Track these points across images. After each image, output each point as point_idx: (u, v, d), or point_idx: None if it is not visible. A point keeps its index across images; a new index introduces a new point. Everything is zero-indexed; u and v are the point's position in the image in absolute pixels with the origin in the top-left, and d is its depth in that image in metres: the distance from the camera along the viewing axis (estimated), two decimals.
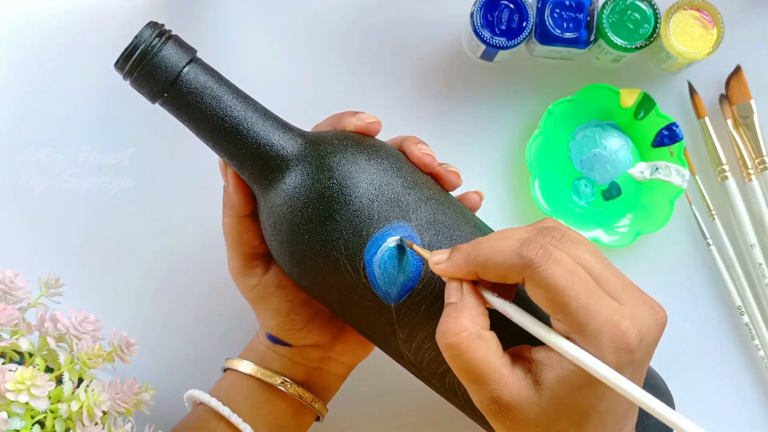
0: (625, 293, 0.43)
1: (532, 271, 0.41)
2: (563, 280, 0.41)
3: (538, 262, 0.41)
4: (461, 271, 0.44)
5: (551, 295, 0.41)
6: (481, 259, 0.43)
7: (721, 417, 0.65)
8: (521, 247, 0.42)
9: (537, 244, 0.41)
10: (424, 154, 0.51)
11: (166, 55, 0.47)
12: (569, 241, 0.43)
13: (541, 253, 0.41)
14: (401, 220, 0.48)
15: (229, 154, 0.50)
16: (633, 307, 0.42)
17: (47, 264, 0.64)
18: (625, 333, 0.41)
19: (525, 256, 0.41)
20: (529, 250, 0.41)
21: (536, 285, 0.41)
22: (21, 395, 0.46)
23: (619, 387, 0.40)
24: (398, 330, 0.49)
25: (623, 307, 0.42)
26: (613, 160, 0.65)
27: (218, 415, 0.55)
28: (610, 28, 0.61)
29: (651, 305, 0.43)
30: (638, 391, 0.40)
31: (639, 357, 0.42)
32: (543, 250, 0.41)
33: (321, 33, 0.66)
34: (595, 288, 0.41)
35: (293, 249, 0.49)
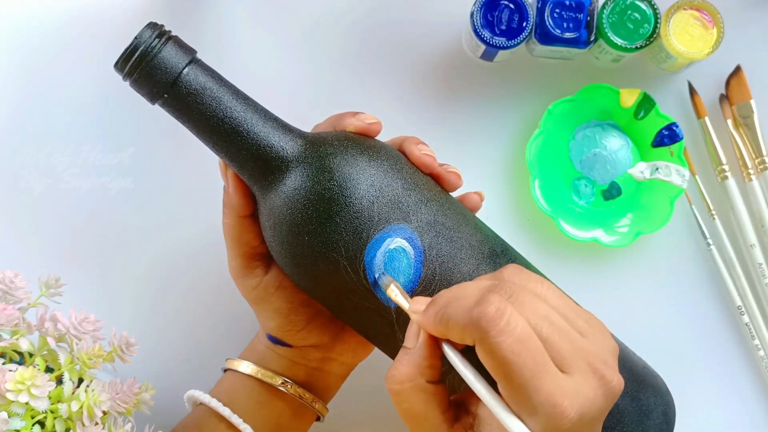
0: (575, 360, 0.41)
1: (481, 335, 0.39)
2: (510, 353, 0.39)
3: (487, 328, 0.39)
4: (431, 327, 0.43)
5: (495, 364, 0.39)
6: (444, 318, 0.42)
7: (721, 417, 0.65)
8: (474, 308, 0.40)
9: (488, 304, 0.40)
10: (425, 155, 0.51)
11: (165, 56, 0.47)
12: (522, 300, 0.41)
13: (492, 316, 0.39)
14: (401, 221, 0.48)
15: (229, 155, 0.50)
16: (579, 380, 0.40)
17: (47, 264, 0.64)
18: (563, 413, 0.39)
19: (475, 318, 0.40)
20: (479, 312, 0.40)
21: (484, 351, 0.40)
22: (21, 395, 0.46)
23: None
24: (398, 331, 0.49)
25: (567, 382, 0.40)
26: (613, 160, 0.65)
27: (218, 416, 0.55)
28: (610, 28, 0.61)
29: (601, 375, 0.41)
30: None
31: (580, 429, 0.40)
32: (495, 312, 0.39)
33: (321, 33, 0.66)
34: (541, 361, 0.39)
35: (293, 250, 0.49)
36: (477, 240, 0.50)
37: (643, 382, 0.52)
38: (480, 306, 0.40)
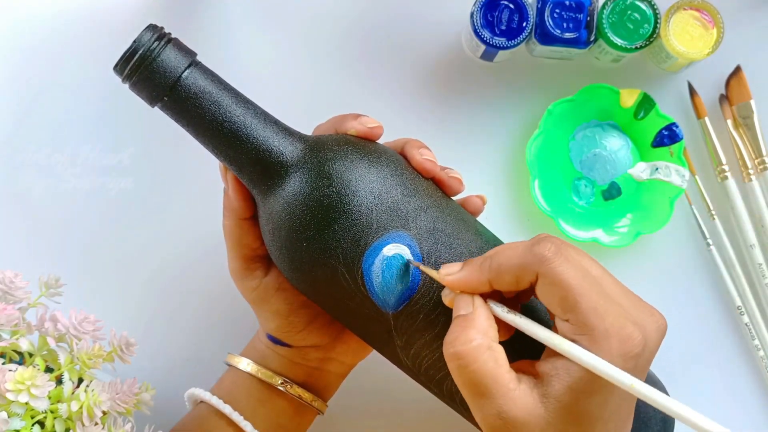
0: (626, 298, 0.43)
1: (546, 267, 0.41)
2: (575, 278, 0.41)
3: (551, 258, 0.42)
4: (474, 281, 0.44)
5: (563, 291, 0.41)
6: (494, 265, 0.43)
7: (721, 417, 0.65)
8: (533, 246, 0.42)
9: (548, 242, 0.42)
10: (426, 160, 0.51)
11: (165, 59, 0.47)
12: (569, 247, 0.43)
13: (554, 249, 0.42)
14: (400, 228, 0.48)
15: (229, 159, 0.49)
16: (635, 311, 0.42)
17: (47, 264, 0.64)
18: (632, 337, 0.41)
19: (537, 252, 0.42)
20: (541, 248, 0.42)
21: (549, 282, 0.42)
22: (21, 395, 0.46)
23: (637, 391, 0.40)
24: (396, 337, 0.49)
25: (627, 311, 0.42)
26: (613, 160, 0.65)
27: (219, 414, 0.55)
28: (610, 28, 0.61)
29: (651, 312, 0.43)
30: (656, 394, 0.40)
31: (641, 362, 0.42)
32: (554, 248, 0.42)
33: (321, 33, 0.66)
34: (601, 290, 0.42)
35: (291, 256, 0.49)
36: (477, 247, 0.49)
37: None
38: (538, 245, 0.42)
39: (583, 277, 0.41)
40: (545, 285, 0.42)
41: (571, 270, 0.41)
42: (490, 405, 0.42)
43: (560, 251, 0.42)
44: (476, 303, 0.44)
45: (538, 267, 0.42)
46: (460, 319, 0.44)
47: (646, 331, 0.42)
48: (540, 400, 0.41)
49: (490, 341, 0.42)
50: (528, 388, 0.42)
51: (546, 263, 0.42)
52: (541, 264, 0.42)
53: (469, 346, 0.42)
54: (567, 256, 0.42)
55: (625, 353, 0.41)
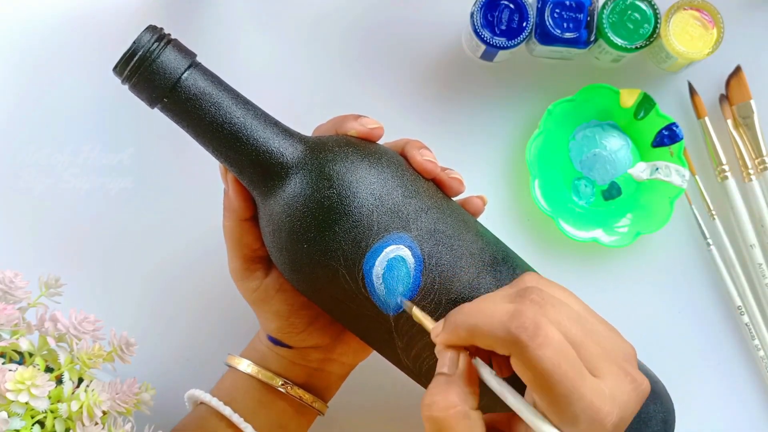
0: (607, 364, 0.41)
1: (520, 349, 0.39)
2: (550, 364, 0.39)
3: (527, 342, 0.39)
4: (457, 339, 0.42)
5: (536, 376, 0.39)
6: (470, 327, 0.42)
7: (721, 417, 0.65)
8: (510, 321, 0.40)
9: (525, 317, 0.40)
10: (426, 161, 0.51)
11: (165, 61, 0.47)
12: (551, 306, 0.41)
13: (531, 331, 0.39)
14: (401, 230, 0.48)
15: (229, 160, 0.49)
16: (613, 383, 0.40)
17: (47, 264, 0.64)
18: (605, 418, 0.39)
19: (513, 333, 0.40)
20: (518, 326, 0.40)
21: (523, 364, 0.40)
22: (21, 395, 0.46)
23: None
24: (397, 338, 0.49)
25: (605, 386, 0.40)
26: (613, 160, 0.65)
27: (219, 415, 0.55)
28: (610, 28, 0.61)
29: (633, 378, 0.41)
30: None
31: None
32: (533, 327, 0.40)
33: (321, 34, 0.66)
34: (579, 369, 0.40)
35: (292, 257, 0.49)
36: (478, 248, 0.49)
37: None
38: (516, 319, 0.40)
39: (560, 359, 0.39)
40: (519, 365, 0.40)
41: (547, 354, 0.39)
42: None
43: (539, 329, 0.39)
44: (461, 364, 0.43)
45: (512, 348, 0.40)
46: (442, 378, 0.42)
47: (622, 404, 0.40)
48: None
49: (468, 409, 0.42)
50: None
51: (521, 346, 0.39)
52: (515, 346, 0.40)
53: (448, 413, 0.41)
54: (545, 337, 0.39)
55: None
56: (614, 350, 0.42)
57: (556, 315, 0.41)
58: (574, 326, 0.41)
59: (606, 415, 0.39)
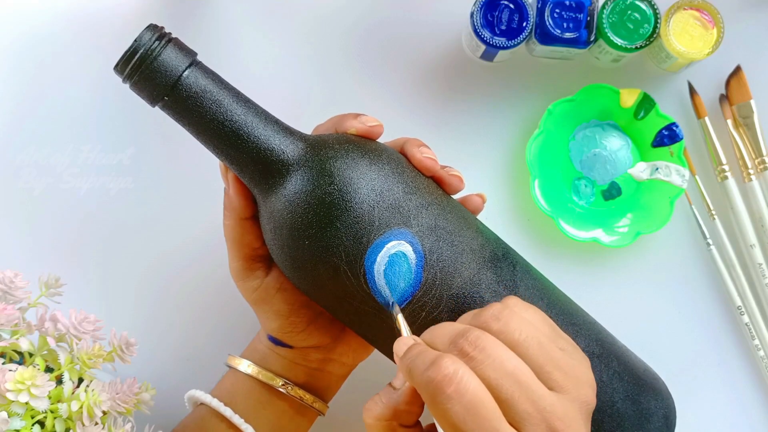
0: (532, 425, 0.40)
1: (430, 400, 0.40)
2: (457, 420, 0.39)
3: (435, 394, 0.40)
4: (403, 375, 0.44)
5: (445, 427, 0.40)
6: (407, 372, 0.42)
7: (721, 417, 0.65)
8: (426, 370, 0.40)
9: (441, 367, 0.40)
10: (426, 158, 0.51)
11: (165, 59, 0.47)
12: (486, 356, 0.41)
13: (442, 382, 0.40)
14: (402, 226, 0.48)
15: (230, 158, 0.49)
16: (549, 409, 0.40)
17: (47, 264, 0.64)
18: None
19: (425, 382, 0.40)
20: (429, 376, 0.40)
21: (434, 414, 0.40)
22: (21, 395, 0.46)
23: None
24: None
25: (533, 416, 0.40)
26: (613, 160, 0.65)
27: (219, 416, 0.55)
28: (610, 28, 0.61)
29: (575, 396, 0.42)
30: None
31: None
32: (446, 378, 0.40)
33: (320, 33, 0.66)
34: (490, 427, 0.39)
35: (293, 254, 0.49)
36: (478, 244, 0.49)
37: (644, 385, 0.51)
38: (431, 369, 0.40)
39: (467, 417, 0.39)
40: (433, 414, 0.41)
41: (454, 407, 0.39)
42: None
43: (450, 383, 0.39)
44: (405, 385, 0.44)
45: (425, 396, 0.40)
46: (387, 390, 0.44)
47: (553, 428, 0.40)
48: None
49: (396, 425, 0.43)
50: None
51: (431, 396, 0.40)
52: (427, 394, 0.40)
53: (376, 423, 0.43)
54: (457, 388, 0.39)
55: None
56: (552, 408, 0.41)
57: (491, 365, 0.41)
58: (507, 380, 0.40)
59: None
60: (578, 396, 0.42)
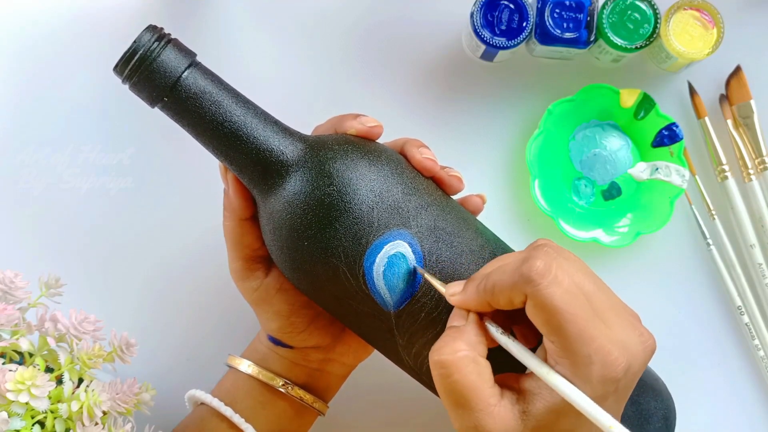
0: (615, 316, 0.42)
1: (532, 288, 0.41)
2: (562, 302, 0.40)
3: (538, 280, 0.41)
4: (474, 301, 0.44)
5: (548, 315, 0.41)
6: (489, 286, 0.43)
7: (721, 417, 0.65)
8: (522, 265, 0.41)
9: (536, 259, 0.41)
10: (426, 159, 0.51)
11: (165, 60, 0.47)
12: (563, 258, 0.42)
13: (541, 269, 0.41)
14: (401, 227, 0.48)
15: (229, 159, 0.49)
16: (623, 333, 0.42)
17: (47, 264, 0.64)
18: (615, 362, 0.41)
19: (525, 273, 0.41)
20: (529, 267, 0.41)
21: (535, 304, 0.41)
22: (21, 395, 0.46)
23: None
24: (398, 336, 0.49)
25: (615, 333, 0.41)
26: (613, 160, 0.65)
27: (220, 416, 0.55)
28: (610, 28, 0.61)
29: (640, 332, 0.43)
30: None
31: (623, 385, 0.42)
32: (543, 266, 0.41)
33: (320, 34, 0.66)
34: (590, 311, 0.41)
35: (292, 255, 0.49)
36: (477, 245, 0.49)
37: (644, 385, 0.51)
38: (527, 262, 0.41)
39: (571, 298, 0.41)
40: (532, 307, 0.41)
41: (558, 292, 0.41)
42: (468, 417, 0.42)
43: (549, 269, 0.41)
44: (470, 317, 0.44)
45: (525, 288, 0.41)
46: (452, 329, 0.44)
47: (632, 353, 0.41)
48: (520, 416, 0.42)
49: (476, 354, 0.43)
50: (509, 403, 0.42)
51: (532, 285, 0.41)
52: (526, 285, 0.41)
53: (454, 356, 0.42)
54: (556, 276, 0.41)
55: (605, 378, 0.40)
56: (623, 307, 0.43)
57: (569, 266, 0.42)
58: (585, 278, 0.42)
59: (616, 358, 0.40)
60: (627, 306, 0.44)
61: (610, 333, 0.41)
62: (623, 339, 0.41)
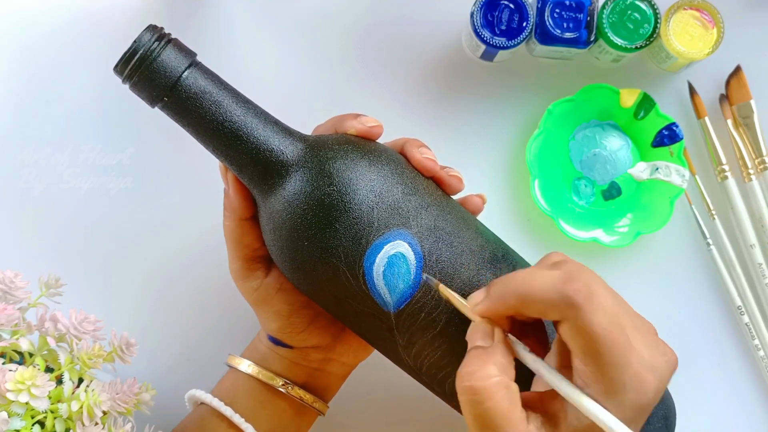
0: (642, 336, 0.42)
1: (575, 312, 0.40)
2: (603, 330, 0.39)
3: (583, 305, 0.40)
4: (503, 307, 0.42)
5: (588, 341, 0.40)
6: (520, 294, 0.41)
7: (721, 417, 0.65)
8: (564, 285, 0.40)
9: (579, 281, 0.40)
10: (426, 159, 0.51)
11: (165, 60, 0.47)
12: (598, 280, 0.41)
13: (585, 294, 0.40)
14: (401, 227, 0.48)
15: (229, 159, 0.49)
16: (650, 353, 0.41)
17: (47, 264, 0.64)
18: (648, 388, 0.40)
19: (569, 295, 0.40)
20: (574, 290, 0.40)
21: (576, 328, 0.40)
22: (21, 395, 0.46)
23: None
24: (398, 336, 0.49)
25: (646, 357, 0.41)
26: (613, 160, 0.65)
27: (220, 415, 0.55)
28: (610, 28, 0.61)
29: (663, 350, 0.42)
30: None
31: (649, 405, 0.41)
32: (587, 290, 0.40)
33: (321, 34, 0.66)
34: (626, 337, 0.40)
35: (292, 255, 0.49)
36: (477, 245, 0.49)
37: None
38: (570, 283, 0.40)
39: (612, 326, 0.40)
40: (571, 329, 0.40)
41: (602, 320, 0.39)
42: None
43: (593, 294, 0.40)
44: (497, 337, 0.43)
45: (567, 311, 0.40)
46: (479, 351, 0.42)
47: (660, 376, 0.41)
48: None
49: (507, 380, 0.41)
50: (536, 428, 0.41)
51: (575, 309, 0.40)
52: (569, 308, 0.40)
53: (488, 382, 0.41)
54: (600, 302, 0.40)
55: (638, 404, 0.40)
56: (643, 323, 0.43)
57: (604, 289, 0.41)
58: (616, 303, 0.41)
59: (650, 383, 0.40)
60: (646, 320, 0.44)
61: (642, 358, 0.40)
62: (652, 362, 0.41)
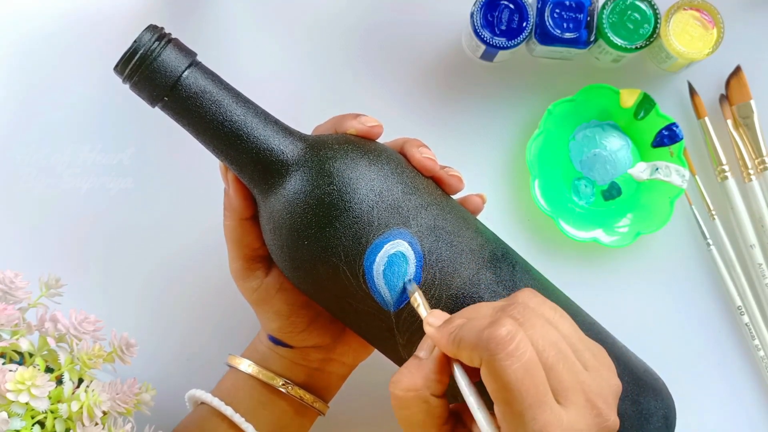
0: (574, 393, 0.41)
1: (488, 356, 0.40)
2: (514, 378, 0.39)
3: (495, 350, 0.39)
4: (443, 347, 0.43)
5: (498, 387, 0.40)
6: (457, 339, 0.42)
7: (720, 417, 0.65)
8: (485, 328, 0.40)
9: (502, 326, 0.40)
10: (426, 158, 0.51)
11: (165, 60, 0.47)
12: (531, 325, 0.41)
13: (502, 339, 0.39)
14: (401, 226, 0.48)
15: (229, 158, 0.49)
16: (575, 414, 0.40)
17: (47, 264, 0.64)
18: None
19: (485, 339, 0.40)
20: (489, 333, 0.40)
21: (489, 373, 0.40)
22: (21, 395, 0.46)
23: None
24: (398, 335, 0.49)
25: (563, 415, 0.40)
26: (613, 160, 0.65)
27: (220, 415, 0.55)
28: (610, 28, 0.61)
29: (598, 412, 0.41)
30: None
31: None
32: (506, 334, 0.40)
33: (321, 34, 0.66)
34: (542, 391, 0.40)
35: (293, 254, 0.49)
36: (477, 244, 0.49)
37: (644, 385, 0.51)
38: (492, 327, 0.40)
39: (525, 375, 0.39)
40: (485, 373, 0.40)
41: (512, 367, 0.39)
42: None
43: (512, 339, 0.39)
44: (434, 352, 0.43)
45: (482, 353, 0.40)
46: (414, 361, 0.44)
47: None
48: None
49: (428, 395, 0.42)
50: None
51: (488, 353, 0.39)
52: (484, 351, 0.40)
53: (408, 394, 0.43)
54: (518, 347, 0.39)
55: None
56: (590, 382, 0.41)
57: (537, 334, 0.41)
58: (552, 349, 0.41)
59: None
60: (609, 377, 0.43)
61: (558, 415, 0.40)
62: (572, 421, 0.40)
